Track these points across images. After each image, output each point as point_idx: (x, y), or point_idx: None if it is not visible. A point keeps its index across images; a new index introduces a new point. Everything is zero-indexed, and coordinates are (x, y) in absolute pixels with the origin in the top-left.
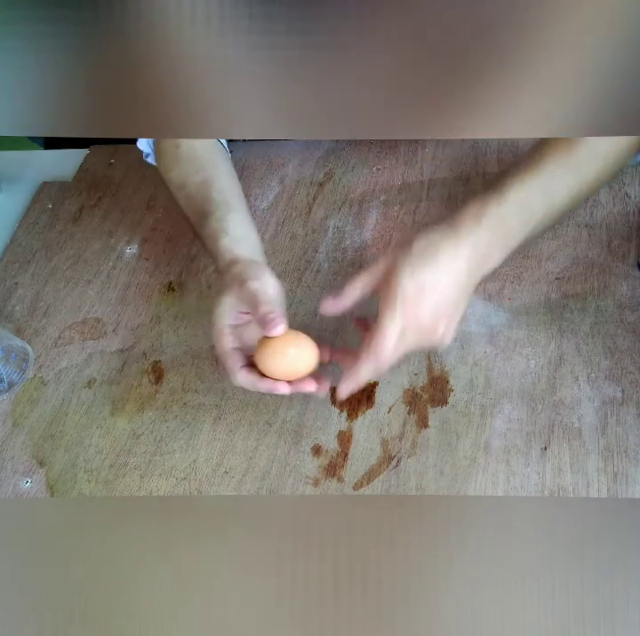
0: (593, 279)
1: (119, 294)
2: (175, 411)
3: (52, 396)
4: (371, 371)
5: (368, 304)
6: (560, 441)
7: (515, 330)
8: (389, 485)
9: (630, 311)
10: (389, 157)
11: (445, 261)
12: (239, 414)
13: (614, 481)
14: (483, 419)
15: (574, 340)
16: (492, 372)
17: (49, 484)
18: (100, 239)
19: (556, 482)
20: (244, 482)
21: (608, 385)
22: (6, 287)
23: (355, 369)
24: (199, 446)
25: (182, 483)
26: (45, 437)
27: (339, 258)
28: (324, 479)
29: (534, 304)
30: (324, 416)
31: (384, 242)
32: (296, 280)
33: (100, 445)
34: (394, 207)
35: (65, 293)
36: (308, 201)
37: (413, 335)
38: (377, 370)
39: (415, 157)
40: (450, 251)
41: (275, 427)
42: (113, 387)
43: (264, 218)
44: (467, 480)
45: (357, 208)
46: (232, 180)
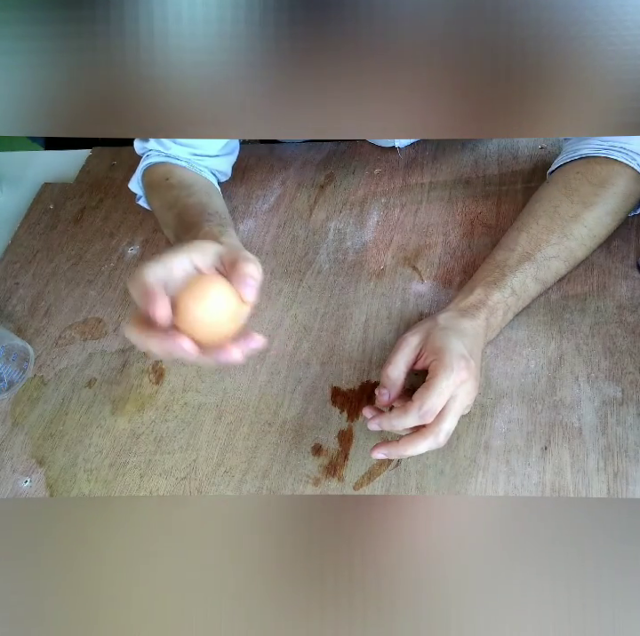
0: (593, 280)
1: (120, 294)
2: (175, 411)
3: (53, 396)
4: (414, 421)
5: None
6: (560, 441)
7: (515, 331)
8: (389, 485)
9: (630, 311)
10: (390, 160)
11: (471, 330)
12: (239, 414)
13: (614, 481)
14: (483, 419)
15: (574, 340)
16: (492, 372)
17: (48, 484)
18: (102, 240)
19: (556, 482)
20: (243, 482)
21: (608, 385)
22: (7, 287)
23: (401, 411)
24: (199, 446)
25: (182, 483)
26: (45, 436)
27: (339, 259)
28: (325, 478)
29: (534, 304)
30: (325, 415)
31: (385, 244)
32: (297, 281)
33: (99, 444)
34: (394, 209)
35: (66, 293)
36: (310, 203)
37: (462, 396)
38: (422, 420)
39: (416, 160)
40: (470, 322)
41: (275, 427)
42: (113, 387)
43: (265, 220)
44: (467, 481)
45: (358, 210)
46: (224, 207)
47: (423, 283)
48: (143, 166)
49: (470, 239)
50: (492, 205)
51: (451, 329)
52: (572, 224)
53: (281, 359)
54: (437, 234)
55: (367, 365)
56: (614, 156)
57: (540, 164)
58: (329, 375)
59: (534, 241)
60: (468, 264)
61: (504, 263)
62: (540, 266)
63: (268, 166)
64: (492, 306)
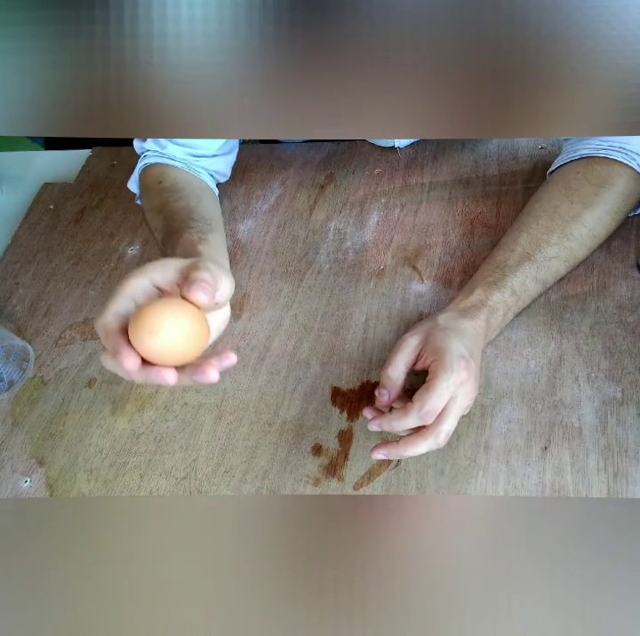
0: (593, 280)
1: None
2: (175, 411)
3: (53, 396)
4: (415, 422)
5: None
6: (560, 441)
7: (515, 331)
8: (389, 485)
9: (630, 311)
10: (390, 160)
11: (471, 330)
12: (239, 414)
13: (614, 481)
14: (483, 419)
15: (574, 340)
16: (492, 372)
17: (48, 483)
18: (102, 240)
19: (556, 482)
20: (243, 482)
21: (608, 385)
22: (7, 287)
23: (401, 412)
24: (199, 446)
25: (182, 483)
26: (45, 436)
27: (340, 259)
28: (325, 478)
29: (534, 304)
30: (325, 415)
31: (384, 244)
32: (297, 281)
33: (99, 444)
34: (394, 209)
35: (66, 293)
36: (310, 203)
37: (462, 396)
38: (423, 421)
39: (416, 160)
40: (470, 323)
41: (275, 427)
42: (113, 387)
43: (265, 220)
44: (467, 481)
45: (358, 210)
46: (213, 211)
47: (423, 283)
48: (140, 167)
49: (470, 239)
50: (492, 205)
51: (451, 330)
52: (572, 224)
53: (281, 359)
54: (437, 234)
55: (367, 365)
56: (614, 156)
57: (540, 164)
58: (329, 375)
59: (534, 241)
60: (468, 264)
61: (504, 263)
62: (540, 267)
63: (268, 166)
64: (492, 306)
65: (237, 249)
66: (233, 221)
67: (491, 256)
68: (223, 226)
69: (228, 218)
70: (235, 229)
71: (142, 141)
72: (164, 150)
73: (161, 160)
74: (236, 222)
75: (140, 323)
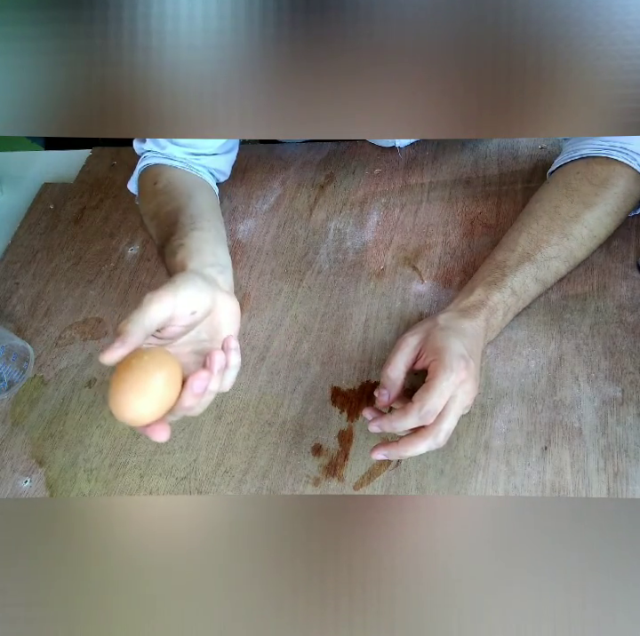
0: (593, 280)
1: (120, 294)
2: None
3: (53, 396)
4: (415, 422)
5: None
6: (560, 441)
7: (515, 331)
8: (389, 485)
9: (630, 311)
10: (390, 160)
11: (471, 330)
12: (239, 414)
13: (614, 481)
14: (483, 419)
15: (574, 341)
16: (492, 372)
17: (48, 483)
18: (102, 240)
19: (556, 482)
20: (243, 482)
21: (608, 385)
22: (7, 287)
23: (401, 413)
24: (199, 445)
25: (182, 483)
26: (45, 436)
27: (340, 259)
28: (325, 478)
29: (534, 304)
30: (325, 415)
31: (384, 244)
32: (297, 281)
33: (99, 444)
34: (394, 209)
35: (66, 293)
36: (310, 203)
37: (462, 396)
38: (423, 421)
39: (416, 160)
40: (470, 323)
41: (275, 427)
42: None
43: (265, 220)
44: (467, 481)
45: (358, 210)
46: (206, 208)
47: (423, 283)
48: (140, 168)
49: (470, 239)
50: (492, 205)
51: (451, 330)
52: (572, 224)
53: (281, 359)
54: (437, 234)
55: (367, 365)
56: (615, 156)
57: (540, 164)
58: (329, 375)
59: (534, 241)
60: (468, 264)
61: (504, 263)
62: (540, 267)
63: (268, 166)
64: (492, 306)
65: (237, 249)
66: (233, 221)
67: (491, 256)
68: (218, 218)
69: (228, 218)
70: (235, 229)
71: (142, 142)
72: (164, 151)
73: (160, 160)
74: (235, 222)
75: (127, 385)
